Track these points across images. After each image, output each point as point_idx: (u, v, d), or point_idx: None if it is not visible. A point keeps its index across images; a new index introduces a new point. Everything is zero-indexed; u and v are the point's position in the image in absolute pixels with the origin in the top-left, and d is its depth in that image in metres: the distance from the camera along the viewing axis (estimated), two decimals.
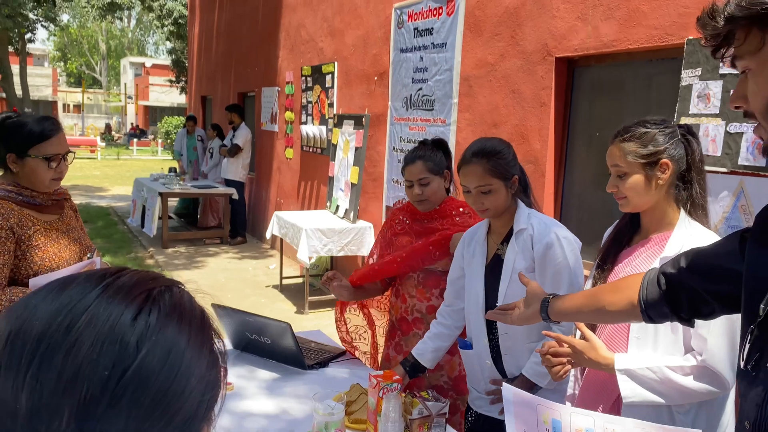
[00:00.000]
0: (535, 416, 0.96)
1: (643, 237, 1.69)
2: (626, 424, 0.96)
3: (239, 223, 8.57)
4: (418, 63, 4.90)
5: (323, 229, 5.45)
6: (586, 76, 3.68)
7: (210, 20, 11.27)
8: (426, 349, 2.18)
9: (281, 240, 6.11)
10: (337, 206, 6.02)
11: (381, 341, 2.67)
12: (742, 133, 2.81)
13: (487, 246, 2.07)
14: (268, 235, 6.42)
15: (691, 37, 2.95)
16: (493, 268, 2.03)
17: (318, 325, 4.84)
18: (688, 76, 3.06)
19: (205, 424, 0.55)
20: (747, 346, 0.89)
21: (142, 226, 8.46)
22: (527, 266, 1.94)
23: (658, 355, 1.56)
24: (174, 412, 0.51)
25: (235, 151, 8.18)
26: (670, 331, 1.56)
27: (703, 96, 3.04)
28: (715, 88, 2.96)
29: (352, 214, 5.66)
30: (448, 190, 2.38)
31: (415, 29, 4.94)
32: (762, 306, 0.88)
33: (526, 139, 3.85)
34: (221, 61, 10.61)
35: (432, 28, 4.72)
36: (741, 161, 2.79)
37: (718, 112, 2.91)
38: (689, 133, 1.62)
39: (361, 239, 5.56)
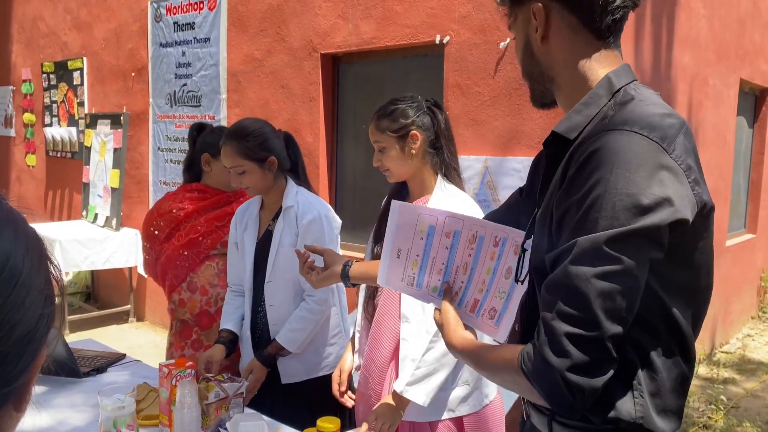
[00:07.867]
0: (414, 227, 1.00)
1: (411, 201, 1.85)
2: (484, 224, 1.05)
3: None
4: (180, 58, 4.71)
5: (82, 240, 4.92)
6: (350, 71, 3.90)
7: None
8: (237, 318, 2.13)
9: None
10: (96, 214, 5.48)
11: None
12: None
13: (259, 222, 2.13)
14: None
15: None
16: (264, 244, 2.09)
17: None
18: None
19: (44, 345, 0.51)
20: (522, 262, 1.04)
21: None
22: (292, 242, 2.02)
23: (430, 322, 1.68)
24: (14, 324, 0.47)
25: None
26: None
27: None
28: None
29: (114, 222, 5.20)
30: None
31: (175, 23, 4.73)
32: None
33: (299, 133, 3.94)
34: None
35: (194, 23, 4.58)
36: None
37: None
38: (435, 106, 1.82)
39: (127, 248, 5.13)
